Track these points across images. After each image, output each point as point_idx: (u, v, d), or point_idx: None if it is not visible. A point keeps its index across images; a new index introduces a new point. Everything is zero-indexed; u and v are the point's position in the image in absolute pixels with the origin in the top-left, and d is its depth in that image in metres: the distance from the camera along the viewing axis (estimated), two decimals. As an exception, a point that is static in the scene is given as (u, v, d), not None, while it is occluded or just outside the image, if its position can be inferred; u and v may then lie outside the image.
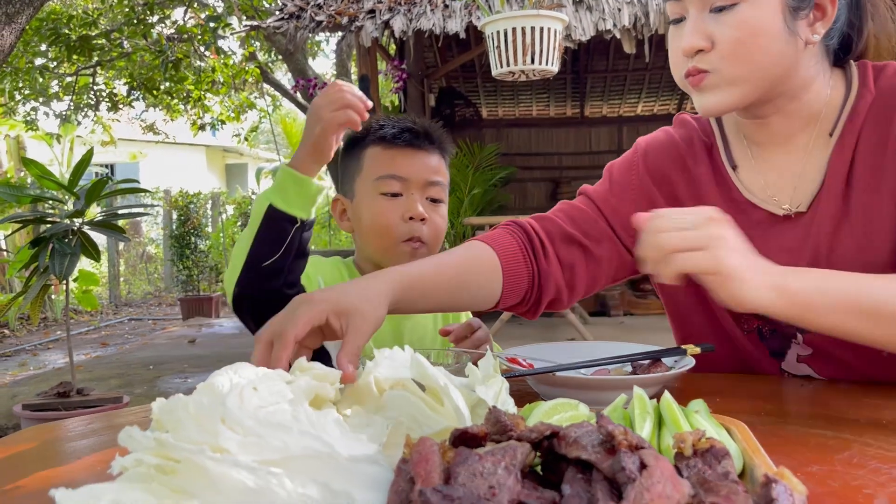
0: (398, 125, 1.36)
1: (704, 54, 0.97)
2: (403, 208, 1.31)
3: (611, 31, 4.50)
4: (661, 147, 1.19)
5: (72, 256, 3.35)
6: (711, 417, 0.70)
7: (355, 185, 1.38)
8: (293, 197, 1.14)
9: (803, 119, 1.04)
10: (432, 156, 1.37)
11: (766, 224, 1.05)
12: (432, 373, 0.67)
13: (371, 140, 1.36)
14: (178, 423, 0.55)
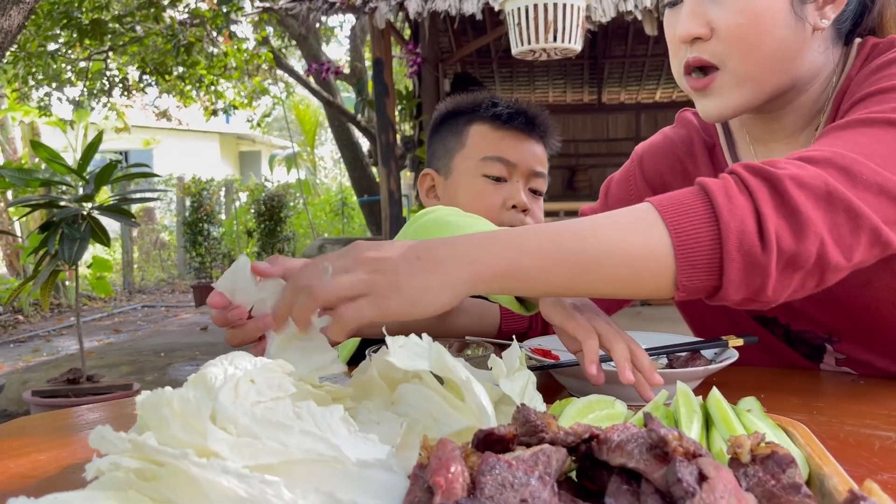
0: (513, 107, 1.29)
1: (703, 42, 0.88)
2: (506, 194, 1.25)
3: (632, 12, 4.38)
4: (658, 152, 1.14)
5: (81, 241, 3.30)
6: (767, 417, 0.62)
7: (453, 162, 1.30)
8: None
9: (810, 112, 0.96)
10: (539, 145, 1.30)
11: None
12: (453, 364, 0.59)
13: (479, 117, 1.28)
14: (163, 421, 0.47)
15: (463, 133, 1.30)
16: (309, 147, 15.38)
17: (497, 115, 1.27)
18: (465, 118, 1.31)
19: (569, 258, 0.68)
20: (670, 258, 0.68)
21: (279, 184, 11.75)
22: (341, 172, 16.07)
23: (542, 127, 1.31)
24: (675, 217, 0.69)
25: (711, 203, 0.68)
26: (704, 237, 0.68)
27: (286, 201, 9.68)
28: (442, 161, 1.33)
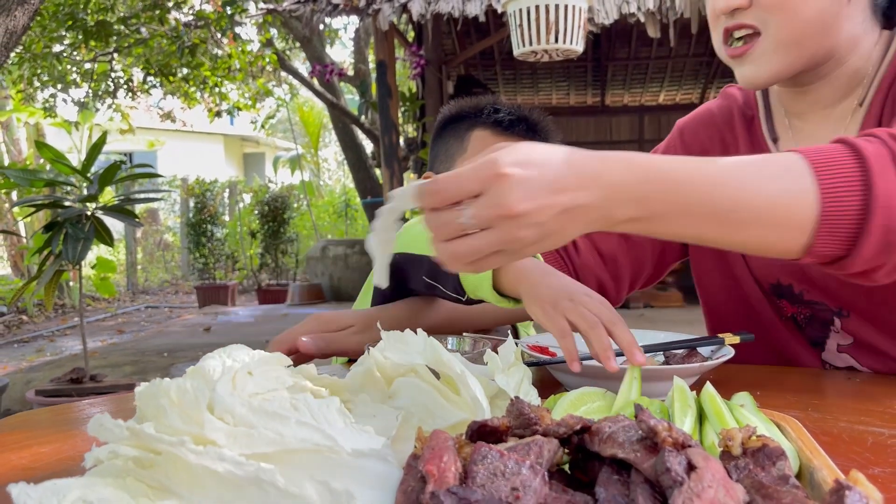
0: (515, 112, 1.29)
1: (742, 11, 0.91)
2: None
3: (635, 14, 4.39)
4: (698, 123, 1.17)
5: (85, 241, 3.31)
6: (759, 412, 0.63)
7: (454, 166, 1.30)
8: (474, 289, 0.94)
9: (844, 86, 0.98)
10: None
11: None
12: (448, 359, 0.60)
13: (481, 122, 1.29)
14: (161, 411, 0.48)
15: (465, 138, 1.30)
16: (313, 149, 15.41)
17: (499, 122, 1.28)
18: (467, 123, 1.31)
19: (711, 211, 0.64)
20: (812, 221, 0.64)
21: (283, 185, 11.77)
22: (345, 174, 16.10)
23: (543, 132, 1.31)
24: (828, 177, 0.64)
25: (866, 169, 0.65)
26: (853, 205, 0.64)
27: (290, 203, 9.71)
28: (444, 165, 1.33)
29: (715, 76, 8.42)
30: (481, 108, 1.31)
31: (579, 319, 0.77)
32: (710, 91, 8.73)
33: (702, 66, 8.32)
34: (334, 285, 8.44)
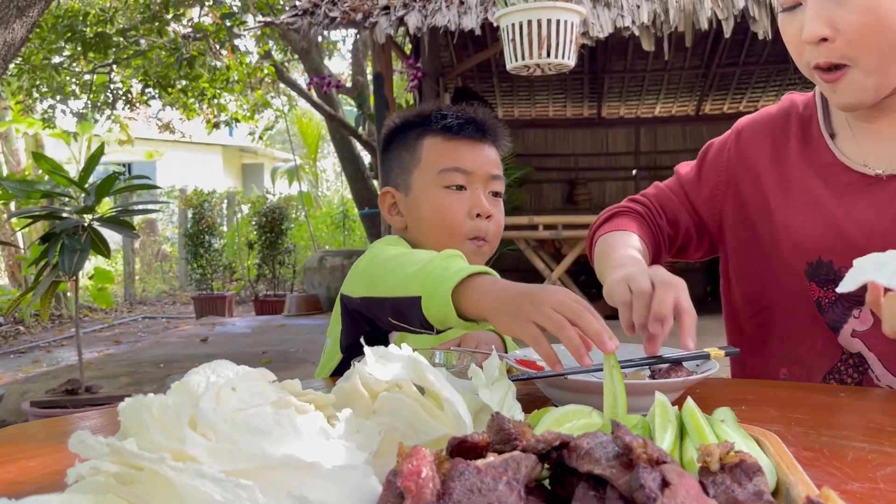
0: (462, 116, 1.29)
1: (830, 44, 0.94)
2: (469, 203, 1.26)
3: (629, 28, 4.41)
4: (755, 123, 1.22)
5: (81, 253, 3.32)
6: (740, 427, 0.63)
7: (411, 178, 1.30)
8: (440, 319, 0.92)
9: None
10: (492, 148, 1.32)
11: (859, 185, 1.06)
12: (430, 375, 0.60)
13: (430, 130, 1.29)
14: (143, 427, 0.49)
15: (416, 148, 1.30)
16: (311, 160, 15.44)
17: (448, 127, 1.28)
18: (415, 132, 1.31)
19: None
20: None
21: (281, 196, 11.79)
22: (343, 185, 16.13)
23: (492, 131, 1.32)
24: None
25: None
26: None
27: (287, 213, 9.72)
28: (400, 178, 1.33)
29: (710, 88, 8.46)
30: (427, 115, 1.32)
31: (545, 321, 0.78)
32: (706, 103, 8.77)
33: (697, 78, 8.36)
34: (331, 296, 8.45)
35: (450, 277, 0.89)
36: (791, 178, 1.13)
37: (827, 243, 1.06)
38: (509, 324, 0.81)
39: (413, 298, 0.94)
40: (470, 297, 0.88)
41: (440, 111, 1.31)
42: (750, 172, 1.19)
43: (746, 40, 7.10)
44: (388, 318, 1.03)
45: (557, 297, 0.80)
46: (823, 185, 1.08)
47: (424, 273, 0.94)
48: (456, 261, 0.96)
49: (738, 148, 1.22)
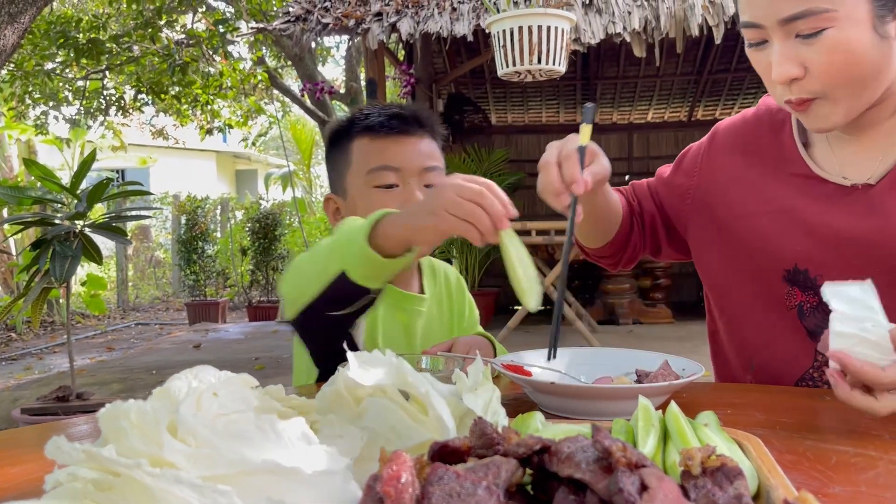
0: (385, 112, 1.27)
1: (800, 81, 0.95)
2: (401, 200, 1.22)
3: (620, 34, 4.43)
4: (729, 127, 1.23)
5: (72, 259, 3.31)
6: (722, 431, 0.64)
7: (346, 182, 1.29)
8: (372, 276, 0.95)
9: (892, 106, 1.02)
10: (423, 140, 1.28)
11: (836, 195, 1.05)
12: (413, 379, 0.60)
13: (357, 131, 1.27)
14: (122, 433, 0.49)
15: (347, 151, 1.29)
16: (305, 166, 15.43)
17: (370, 126, 1.26)
18: (346, 136, 1.29)
19: None
20: None
21: (275, 202, 11.77)
22: (337, 191, 16.06)
23: (421, 121, 1.28)
24: None
25: None
26: None
27: (281, 219, 9.70)
28: (337, 183, 1.32)
29: (703, 94, 8.50)
30: (354, 117, 1.30)
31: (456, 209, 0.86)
32: (699, 109, 8.81)
33: (689, 84, 8.40)
34: (325, 302, 8.41)
35: (357, 232, 0.94)
36: (762, 186, 1.12)
37: (803, 251, 1.05)
38: (429, 226, 0.89)
39: (337, 277, 0.95)
40: (385, 236, 0.93)
41: (364, 110, 1.29)
42: (721, 178, 1.19)
43: (737, 46, 7.13)
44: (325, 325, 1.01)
45: (454, 182, 0.89)
46: (797, 194, 1.08)
47: (333, 250, 0.98)
48: (355, 221, 1.01)
49: (711, 153, 1.23)
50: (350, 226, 0.98)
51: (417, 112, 1.29)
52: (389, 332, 1.26)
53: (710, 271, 1.22)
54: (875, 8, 0.91)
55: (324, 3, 4.84)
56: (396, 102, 1.34)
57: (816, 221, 1.05)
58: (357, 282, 0.94)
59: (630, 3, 4.50)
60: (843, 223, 1.02)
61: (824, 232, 1.04)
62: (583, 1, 4.56)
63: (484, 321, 7.07)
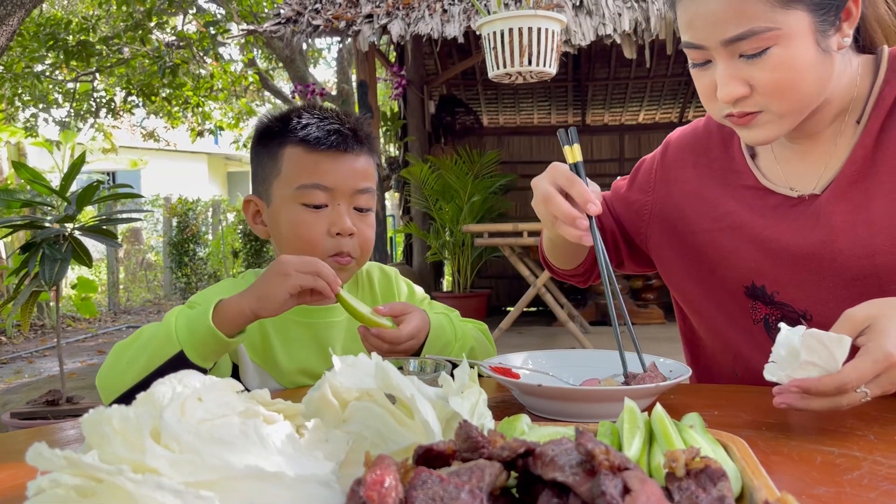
0: (324, 126, 1.17)
1: (745, 98, 0.95)
2: (329, 221, 1.16)
3: (611, 35, 4.45)
4: (680, 138, 1.23)
5: (62, 262, 3.29)
6: (707, 433, 0.64)
7: (272, 189, 1.19)
8: (211, 353, 1.03)
9: (832, 113, 1.03)
10: (360, 158, 1.20)
11: (784, 207, 1.05)
12: (398, 382, 0.60)
13: (291, 139, 1.17)
14: (105, 439, 0.48)
15: (277, 157, 1.19)
16: (297, 167, 15.39)
17: (306, 138, 1.16)
18: (277, 139, 1.19)
19: None
20: None
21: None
22: (329, 193, 16.04)
23: (360, 138, 1.20)
24: None
25: None
26: None
27: (273, 221, 9.69)
28: (262, 186, 1.22)
29: (694, 95, 8.52)
30: (289, 119, 1.20)
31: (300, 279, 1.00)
32: (689, 110, 8.84)
33: (680, 85, 8.43)
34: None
35: (200, 315, 1.01)
36: (715, 201, 1.12)
37: (757, 268, 1.05)
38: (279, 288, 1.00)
39: (174, 357, 1.00)
40: (229, 313, 1.01)
41: (301, 116, 1.19)
42: (676, 192, 1.18)
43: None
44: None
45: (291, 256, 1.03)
46: (747, 209, 1.08)
47: (167, 335, 1.02)
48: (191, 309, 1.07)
49: (665, 167, 1.22)
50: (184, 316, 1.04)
51: (357, 125, 1.21)
52: (294, 344, 1.21)
53: (676, 285, 1.22)
54: (817, 23, 0.91)
55: (314, 5, 4.84)
56: (336, 110, 1.25)
57: (766, 237, 1.05)
58: (195, 362, 1.01)
59: (620, 4, 4.52)
60: (790, 238, 1.02)
61: (774, 247, 1.04)
62: (573, 3, 4.58)
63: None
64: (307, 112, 1.20)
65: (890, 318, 0.79)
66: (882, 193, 0.98)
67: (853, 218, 0.99)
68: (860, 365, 0.77)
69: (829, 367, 0.79)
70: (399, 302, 1.21)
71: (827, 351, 0.79)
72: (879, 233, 0.96)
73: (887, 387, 0.78)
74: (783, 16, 0.89)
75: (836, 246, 0.99)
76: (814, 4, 0.91)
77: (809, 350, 0.80)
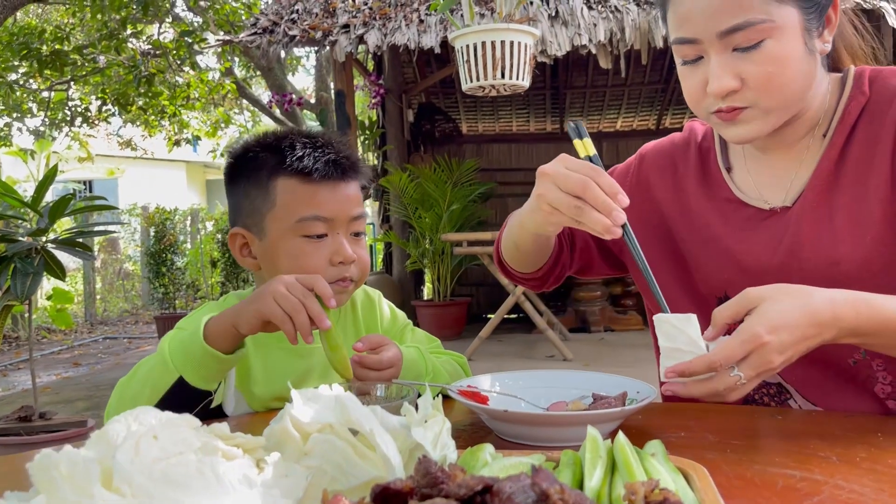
0: (320, 156, 1.17)
1: (735, 93, 0.97)
2: (330, 251, 1.16)
3: (586, 46, 4.48)
4: (657, 151, 1.24)
5: (34, 276, 3.24)
6: (668, 461, 0.64)
7: (265, 223, 1.18)
8: (211, 374, 1.02)
9: (807, 125, 1.06)
10: (351, 184, 1.21)
11: (756, 220, 1.08)
12: (357, 417, 0.60)
13: (285, 170, 1.16)
14: (53, 484, 0.48)
15: (269, 189, 1.17)
16: (276, 175, 15.31)
17: (304, 170, 1.16)
18: (267, 170, 1.18)
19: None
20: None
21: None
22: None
23: (352, 166, 1.21)
24: None
25: None
26: None
27: (252, 230, 9.61)
28: (252, 219, 1.20)
29: (670, 103, 8.61)
30: (279, 148, 1.18)
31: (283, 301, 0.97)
32: (666, 117, 8.92)
33: (657, 93, 8.51)
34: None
35: (192, 337, 1.00)
36: (692, 213, 1.14)
37: (729, 280, 1.07)
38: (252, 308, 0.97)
39: (175, 385, 1.00)
40: (217, 329, 1.00)
41: (293, 145, 1.17)
42: (650, 201, 1.20)
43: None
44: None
45: (286, 278, 1.00)
46: (722, 221, 1.10)
47: (164, 363, 1.01)
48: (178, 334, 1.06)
49: (641, 175, 1.24)
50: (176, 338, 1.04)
51: (349, 154, 1.22)
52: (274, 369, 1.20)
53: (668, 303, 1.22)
54: (805, 21, 0.95)
55: (291, 15, 4.83)
56: (328, 136, 1.23)
57: (739, 249, 1.07)
58: (197, 385, 1.00)
59: (595, 15, 4.56)
60: (761, 250, 1.05)
61: (746, 260, 1.06)
62: (549, 13, 4.61)
63: (456, 330, 6.98)
64: (299, 141, 1.18)
65: (775, 300, 0.82)
66: (845, 204, 1.00)
67: (819, 228, 1.01)
68: (729, 343, 0.81)
69: (694, 349, 0.82)
70: (374, 334, 1.20)
71: (683, 334, 0.82)
72: (843, 242, 0.99)
73: (760, 367, 0.80)
74: (776, 9, 0.93)
75: (803, 255, 1.01)
76: (803, 1, 0.94)
77: (667, 336, 0.83)
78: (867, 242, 0.97)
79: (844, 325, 0.84)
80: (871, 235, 0.97)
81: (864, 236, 0.97)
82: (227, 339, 1.00)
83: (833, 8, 0.99)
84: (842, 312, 0.84)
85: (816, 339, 0.83)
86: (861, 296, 0.86)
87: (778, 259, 1.03)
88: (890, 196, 0.97)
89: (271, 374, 1.18)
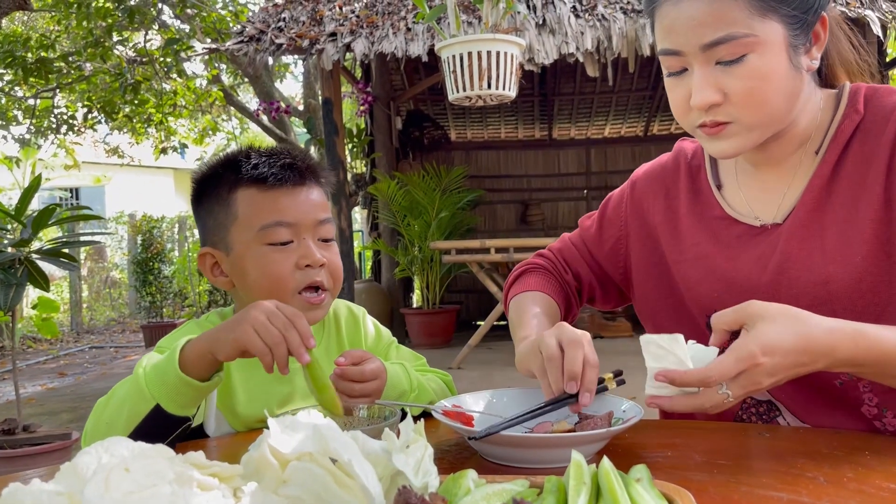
0: (275, 161, 1.16)
1: (717, 106, 0.97)
2: (298, 256, 1.14)
3: (574, 54, 4.49)
4: (648, 175, 1.24)
5: (17, 287, 3.21)
6: (654, 487, 0.63)
7: (230, 237, 1.16)
8: (188, 401, 0.98)
9: (796, 141, 1.05)
10: (314, 190, 1.19)
11: (747, 236, 1.07)
12: (335, 447, 0.59)
13: (243, 181, 1.15)
14: (19, 523, 0.46)
15: (230, 202, 1.16)
16: (264, 182, 15.27)
17: (261, 178, 1.15)
18: (226, 185, 1.17)
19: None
20: None
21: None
22: (298, 207, 15.92)
23: (312, 170, 1.20)
24: None
25: None
26: None
27: (240, 238, 9.57)
28: (218, 236, 1.19)
29: (658, 110, 8.65)
30: (236, 162, 1.18)
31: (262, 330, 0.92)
32: (654, 123, 8.97)
33: (644, 100, 8.55)
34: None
35: (167, 363, 0.97)
36: (683, 232, 1.14)
37: (718, 298, 1.06)
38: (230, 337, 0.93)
39: (151, 412, 0.96)
40: (192, 356, 0.96)
41: (249, 156, 1.17)
42: (646, 226, 1.20)
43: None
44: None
45: (267, 306, 0.95)
46: (712, 239, 1.10)
47: (143, 390, 0.97)
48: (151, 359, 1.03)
49: (634, 201, 1.24)
50: (151, 366, 1.00)
51: (308, 159, 1.21)
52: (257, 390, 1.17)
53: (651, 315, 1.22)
54: (790, 37, 0.95)
55: (278, 23, 4.81)
56: (281, 147, 1.24)
57: (727, 267, 1.07)
58: (174, 413, 0.97)
59: (583, 23, 4.57)
60: (751, 268, 1.04)
61: (735, 277, 1.06)
62: (536, 21, 4.62)
63: (446, 337, 6.94)
64: (254, 152, 1.19)
65: (775, 322, 0.82)
66: (836, 222, 1.00)
67: (809, 246, 1.00)
68: (724, 360, 0.81)
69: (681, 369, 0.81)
70: (356, 349, 1.17)
71: (671, 353, 0.82)
72: (832, 261, 0.98)
73: (749, 387, 0.81)
74: (760, 24, 0.92)
75: (793, 273, 1.00)
76: (788, 17, 0.94)
77: (654, 357, 0.83)
78: (857, 262, 0.96)
79: (840, 357, 0.84)
80: (861, 255, 0.96)
81: (853, 256, 0.97)
82: (203, 365, 0.96)
83: (822, 24, 0.98)
84: (839, 344, 0.84)
85: (808, 367, 0.83)
86: (861, 328, 0.86)
87: (767, 277, 1.02)
88: (882, 216, 0.96)
89: (254, 396, 1.16)
